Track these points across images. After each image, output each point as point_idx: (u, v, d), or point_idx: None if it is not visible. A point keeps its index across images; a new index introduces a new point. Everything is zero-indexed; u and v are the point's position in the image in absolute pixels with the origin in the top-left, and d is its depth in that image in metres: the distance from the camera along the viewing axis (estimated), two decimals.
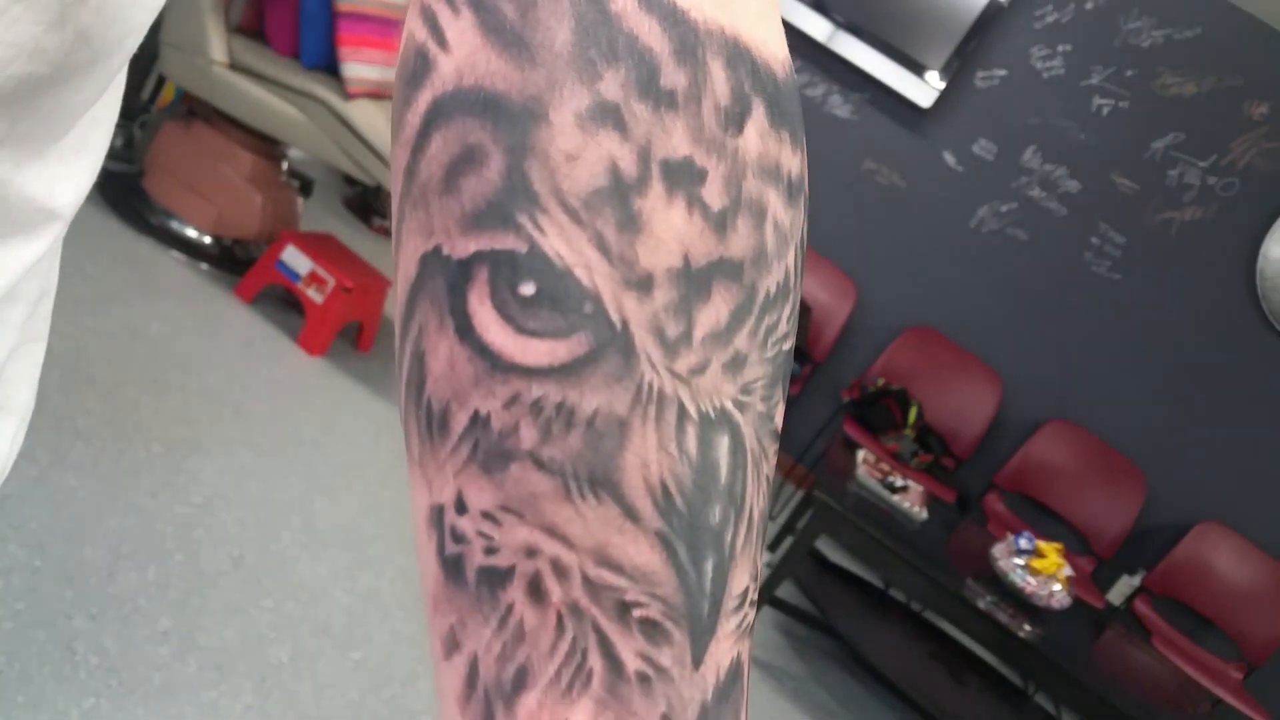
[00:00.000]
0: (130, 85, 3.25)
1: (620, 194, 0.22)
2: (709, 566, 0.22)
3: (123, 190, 2.84)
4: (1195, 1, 3.54)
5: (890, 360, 3.91)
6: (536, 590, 0.21)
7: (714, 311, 0.23)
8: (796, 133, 0.25)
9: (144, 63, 3.27)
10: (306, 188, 3.31)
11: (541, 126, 0.21)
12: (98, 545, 1.71)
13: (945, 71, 3.72)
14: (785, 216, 0.24)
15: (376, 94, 2.69)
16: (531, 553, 0.21)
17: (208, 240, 2.85)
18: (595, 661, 0.21)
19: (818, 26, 3.80)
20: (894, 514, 2.84)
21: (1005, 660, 2.97)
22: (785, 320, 0.25)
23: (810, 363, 3.86)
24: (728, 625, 0.23)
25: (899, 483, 2.98)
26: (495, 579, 0.21)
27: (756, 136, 0.23)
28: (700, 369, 0.22)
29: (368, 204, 3.99)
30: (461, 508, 0.22)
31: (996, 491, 3.87)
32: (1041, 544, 2.85)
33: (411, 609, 2.02)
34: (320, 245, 2.82)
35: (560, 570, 0.21)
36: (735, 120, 0.23)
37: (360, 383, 2.74)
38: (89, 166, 0.42)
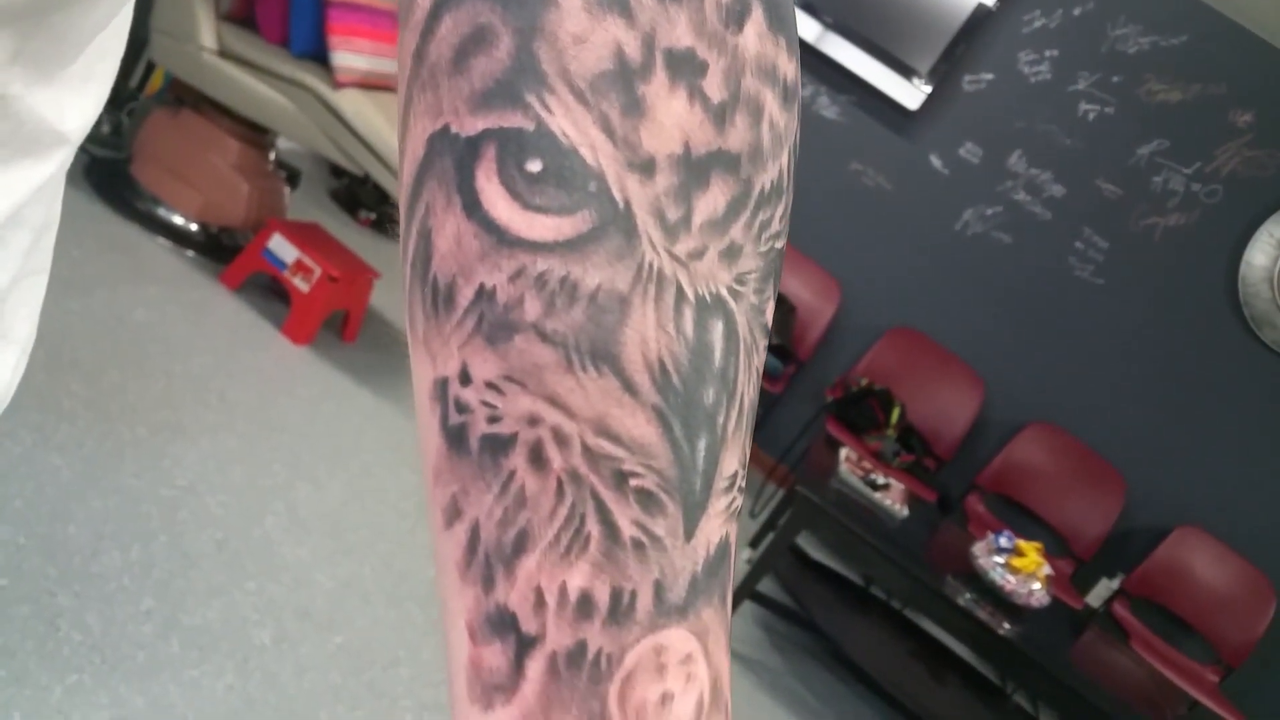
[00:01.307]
0: (119, 72, 3.24)
1: (625, 78, 0.22)
2: (702, 444, 0.23)
3: (110, 176, 2.83)
4: (1182, 9, 3.57)
5: (874, 360, 3.93)
6: (538, 457, 0.22)
7: (712, 200, 0.23)
8: (793, 41, 0.26)
9: (133, 49, 3.26)
10: (293, 179, 3.30)
11: (550, 9, 0.22)
12: (81, 525, 1.71)
13: (933, 74, 3.74)
14: (781, 118, 0.25)
15: (366, 83, 2.69)
16: (534, 421, 0.22)
17: (194, 227, 2.84)
18: (593, 527, 0.22)
19: (807, 27, 3.82)
20: (875, 511, 2.85)
21: (984, 657, 3.00)
22: (778, 219, 0.26)
23: (794, 362, 3.87)
24: (718, 504, 0.23)
25: (881, 480, 2.99)
26: (498, 446, 0.22)
27: (755, 37, 0.24)
28: (698, 254, 0.23)
29: (354, 196, 3.98)
30: (466, 379, 0.22)
31: (978, 492, 3.90)
32: (1021, 543, 2.87)
33: (392, 595, 2.02)
34: (307, 234, 2.81)
35: (561, 439, 0.22)
36: (736, 18, 0.24)
37: (345, 373, 2.74)
38: (96, 95, 0.42)
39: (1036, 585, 2.77)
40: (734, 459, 0.24)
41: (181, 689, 1.54)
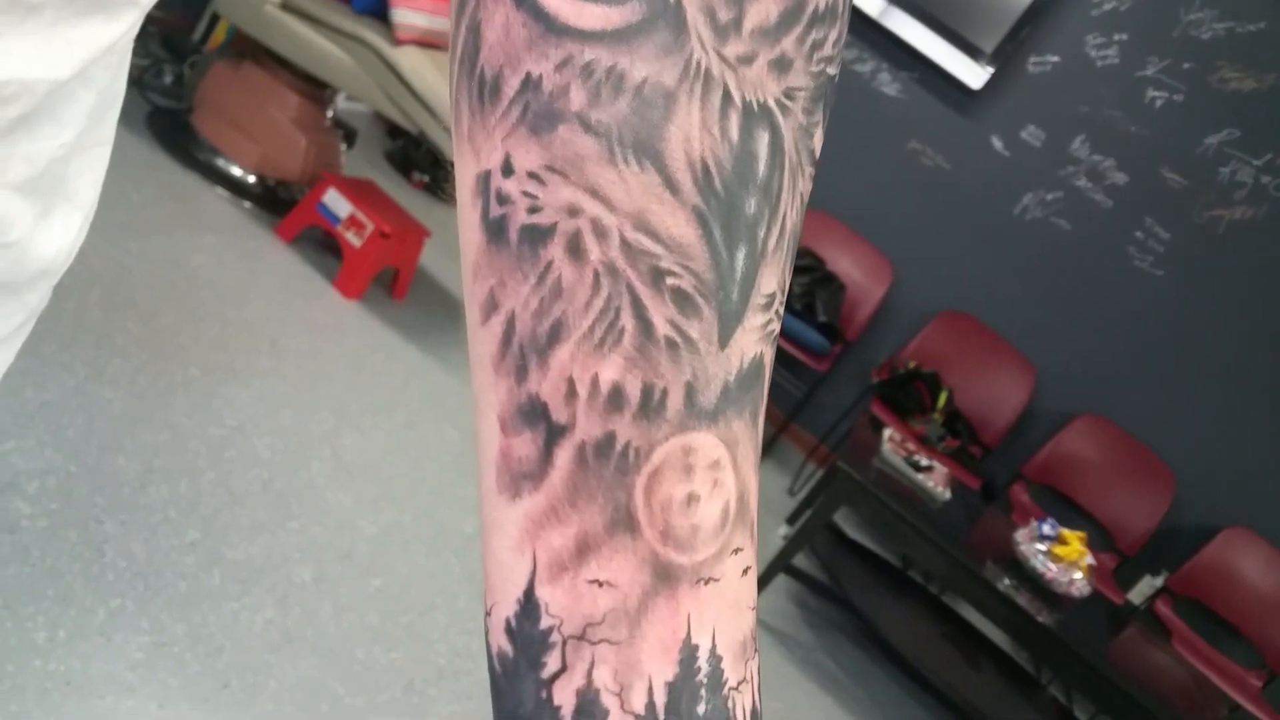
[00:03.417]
0: (182, 26, 3.29)
1: None
2: (741, 253, 0.23)
3: (171, 126, 2.88)
4: None
5: (923, 343, 3.89)
6: (576, 248, 0.22)
7: (764, 8, 0.23)
8: None
9: (198, 3, 3.30)
10: (350, 138, 3.33)
11: None
12: (131, 457, 1.75)
13: (997, 54, 3.67)
14: None
15: (425, 41, 2.70)
16: (573, 212, 0.22)
17: (252, 179, 2.88)
18: (627, 321, 0.22)
19: (869, 1, 3.77)
20: (917, 491, 2.82)
21: (1021, 645, 2.96)
22: (831, 43, 0.25)
23: (841, 341, 3.84)
24: (754, 319, 0.23)
25: (924, 462, 2.96)
26: (537, 236, 0.22)
27: None
28: (747, 59, 0.23)
29: (408, 159, 4.01)
30: (508, 170, 0.22)
31: (1023, 482, 3.84)
32: (1065, 531, 2.83)
33: (431, 544, 2.04)
34: (361, 190, 2.84)
35: (600, 231, 0.22)
36: None
37: (393, 329, 2.76)
38: None
39: (1078, 575, 2.73)
40: (773, 278, 0.24)
41: (221, 620, 1.57)
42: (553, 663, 0.22)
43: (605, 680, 0.22)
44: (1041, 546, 2.77)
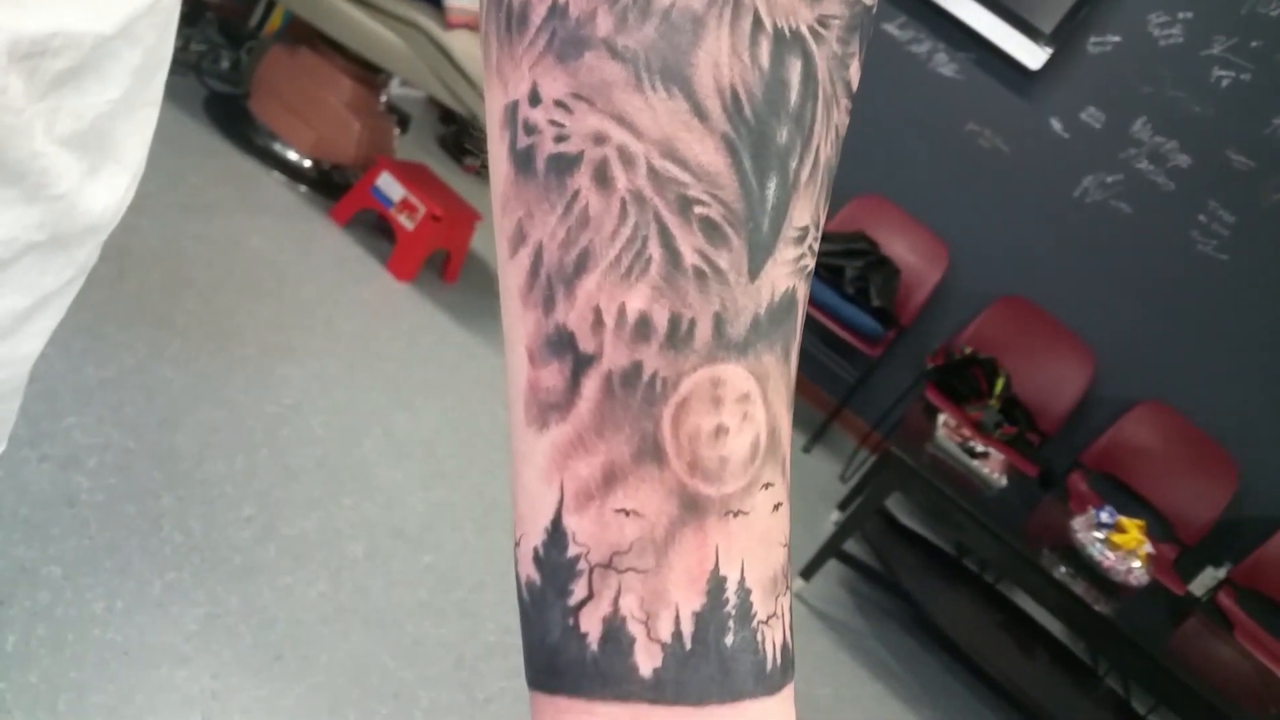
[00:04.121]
0: (239, 11, 3.33)
1: None
2: (772, 183, 0.22)
3: (229, 111, 2.93)
4: None
5: (980, 329, 3.83)
6: (603, 176, 0.21)
7: None
8: None
9: None
10: (403, 122, 3.36)
11: None
12: (189, 434, 1.78)
13: (1056, 34, 3.59)
14: None
15: (476, 25, 2.71)
16: (600, 139, 0.21)
17: (307, 164, 2.92)
18: (654, 250, 0.21)
19: None
20: (971, 478, 2.78)
21: (1078, 633, 2.91)
22: None
23: (895, 326, 3.79)
24: (786, 252, 0.23)
25: (979, 449, 2.92)
26: (564, 165, 0.21)
27: None
28: None
29: (461, 144, 4.04)
30: (535, 99, 0.22)
31: (1081, 470, 3.77)
32: (1123, 519, 2.77)
33: (481, 522, 2.06)
34: (414, 174, 2.86)
35: (627, 158, 0.21)
36: None
37: (444, 311, 2.79)
38: None
39: (1136, 564, 2.67)
40: (806, 211, 0.23)
41: (275, 593, 1.60)
42: (579, 590, 0.22)
43: (632, 608, 0.21)
44: (1099, 534, 2.72)
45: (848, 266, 3.65)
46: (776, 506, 0.23)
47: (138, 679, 1.34)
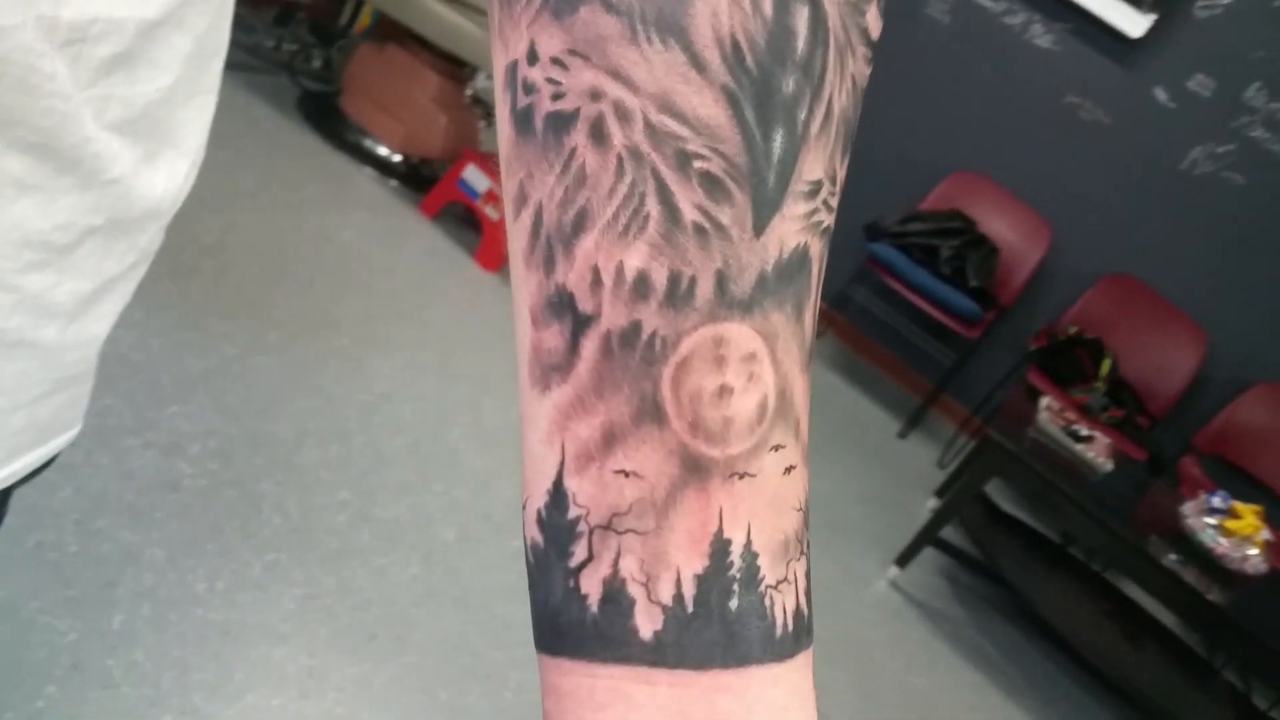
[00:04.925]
0: (330, 11, 3.42)
1: None
2: (778, 136, 0.21)
3: (321, 109, 3.00)
4: None
5: (1084, 308, 3.69)
6: (599, 133, 0.21)
7: None
8: None
9: None
10: (489, 115, 3.40)
11: None
12: (286, 421, 1.84)
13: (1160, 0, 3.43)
14: None
15: None
16: (595, 95, 0.21)
17: (397, 159, 2.98)
18: (652, 207, 0.21)
19: None
20: (1075, 463, 2.69)
21: (1191, 624, 2.80)
22: None
23: (995, 307, 3.68)
24: (796, 207, 0.22)
25: (1084, 432, 2.82)
26: (560, 123, 0.21)
27: None
28: None
29: None
30: (533, 57, 0.21)
31: (1194, 454, 3.60)
32: (1237, 504, 2.65)
33: None
34: (499, 165, 2.89)
35: (623, 114, 0.21)
36: None
37: None
38: None
39: (1253, 551, 2.54)
40: (817, 164, 0.22)
41: (370, 575, 1.64)
42: (580, 552, 0.21)
43: (632, 570, 0.21)
44: (1211, 520, 2.60)
45: (943, 246, 3.56)
46: (789, 469, 0.23)
47: (237, 657, 1.39)
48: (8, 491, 0.51)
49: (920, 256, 3.55)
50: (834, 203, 0.23)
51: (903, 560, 2.68)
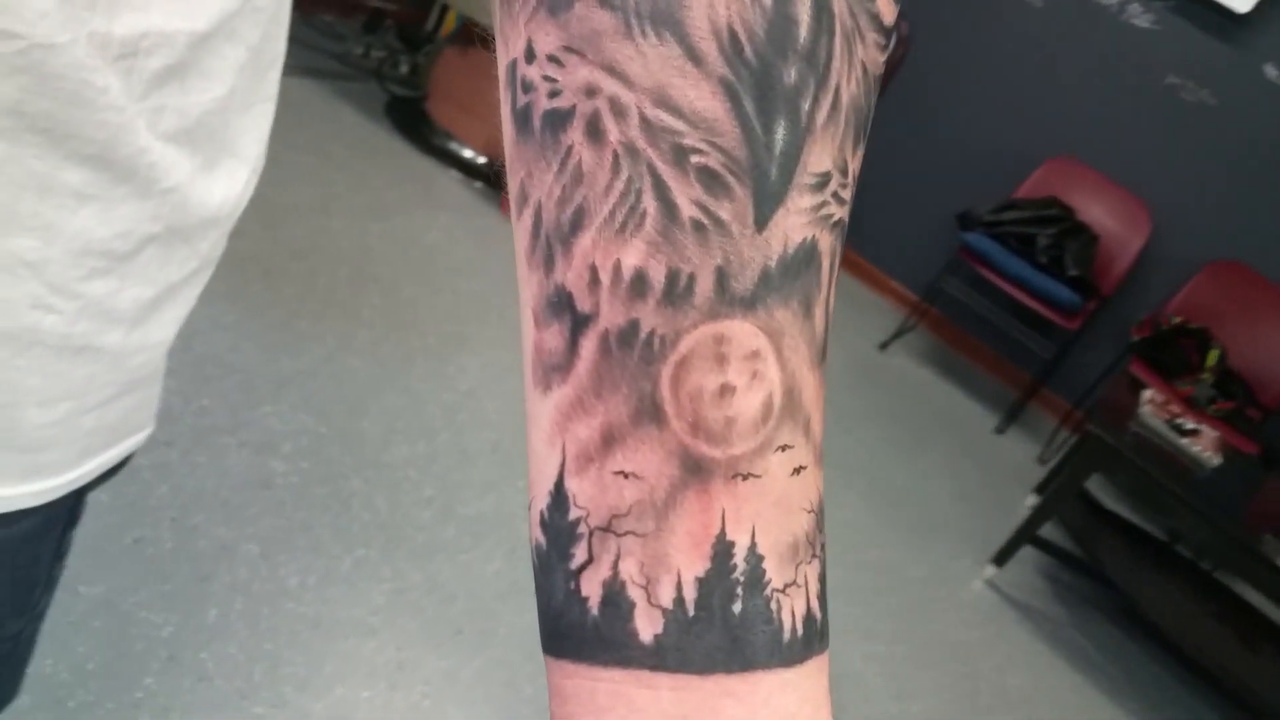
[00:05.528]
0: (416, 17, 3.48)
1: None
2: (780, 128, 0.21)
3: (408, 114, 3.07)
4: None
5: (1190, 297, 3.54)
6: (595, 130, 0.21)
7: None
8: None
9: None
10: None
11: None
12: (374, 419, 1.88)
13: None
14: None
15: None
16: (591, 92, 0.21)
17: (482, 160, 3.03)
18: (649, 203, 0.20)
19: None
20: (1181, 457, 2.58)
21: None
22: None
23: (1095, 297, 3.56)
24: (801, 200, 0.21)
25: (1189, 426, 2.70)
26: (557, 121, 0.21)
27: None
28: None
29: None
30: (530, 55, 0.21)
31: None
32: None
33: None
34: None
35: (618, 110, 0.20)
36: None
37: None
38: None
39: None
40: (825, 155, 0.21)
41: (455, 569, 1.67)
42: (580, 554, 0.21)
43: (631, 572, 0.21)
44: None
45: (1040, 234, 3.46)
46: (797, 470, 0.22)
47: (328, 650, 1.43)
48: (83, 491, 0.53)
49: (1016, 246, 3.46)
50: (846, 195, 0.23)
51: (1000, 559, 2.61)
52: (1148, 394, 2.79)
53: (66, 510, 0.52)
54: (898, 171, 4.00)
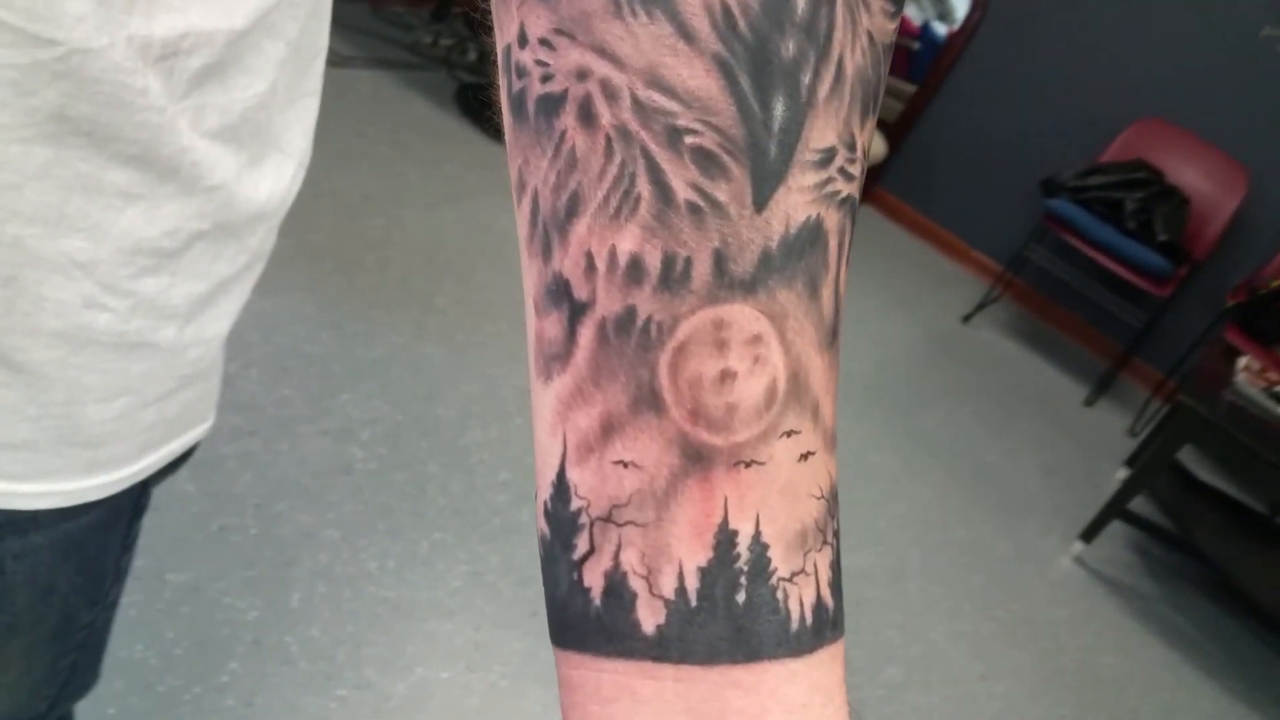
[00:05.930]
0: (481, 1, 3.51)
1: None
2: (778, 104, 0.20)
3: (477, 101, 3.09)
4: None
5: None
6: (587, 114, 0.20)
7: None
8: None
9: None
10: None
11: None
12: (450, 405, 1.91)
13: None
14: None
15: None
16: (582, 75, 0.20)
17: None
18: (643, 187, 0.20)
19: None
20: (1278, 426, 2.48)
21: None
22: None
23: (1187, 262, 3.43)
24: (803, 178, 0.20)
25: None
26: (550, 106, 0.21)
27: None
28: None
29: None
30: (523, 40, 0.21)
31: None
32: None
33: None
34: None
35: (610, 92, 0.20)
36: None
37: None
38: None
39: None
40: (829, 130, 0.21)
41: (530, 552, 1.69)
42: (582, 545, 0.21)
43: (632, 563, 0.21)
44: None
45: (1127, 199, 3.34)
46: (805, 455, 0.22)
47: (408, 631, 1.46)
48: (147, 483, 0.54)
49: (1103, 211, 3.35)
50: (855, 170, 0.22)
51: (1089, 535, 2.54)
52: (1244, 361, 2.68)
53: (131, 502, 0.54)
54: (978, 138, 3.90)
